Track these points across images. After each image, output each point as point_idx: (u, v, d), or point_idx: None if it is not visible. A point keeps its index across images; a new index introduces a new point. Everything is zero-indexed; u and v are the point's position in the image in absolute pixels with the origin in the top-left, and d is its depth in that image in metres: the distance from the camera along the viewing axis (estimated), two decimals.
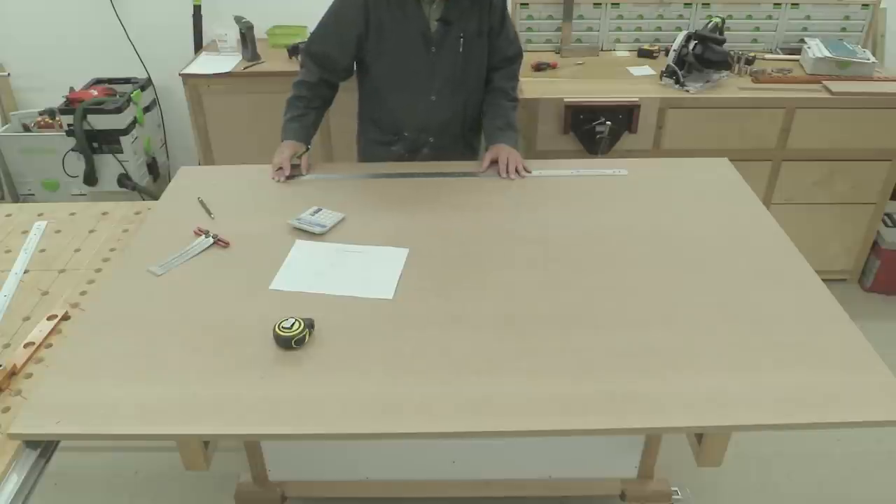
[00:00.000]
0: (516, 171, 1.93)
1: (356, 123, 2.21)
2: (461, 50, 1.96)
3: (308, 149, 1.99)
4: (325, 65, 2.00)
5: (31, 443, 1.17)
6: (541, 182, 1.90)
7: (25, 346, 1.35)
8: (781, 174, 2.67)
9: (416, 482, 1.92)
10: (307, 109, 2.01)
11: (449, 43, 1.95)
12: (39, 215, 1.85)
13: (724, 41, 2.59)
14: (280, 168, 1.91)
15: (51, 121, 3.05)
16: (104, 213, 1.86)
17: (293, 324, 1.30)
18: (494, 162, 1.96)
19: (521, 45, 2.09)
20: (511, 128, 2.04)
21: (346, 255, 1.59)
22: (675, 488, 1.99)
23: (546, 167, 1.97)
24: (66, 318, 1.45)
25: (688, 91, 2.55)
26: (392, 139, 2.11)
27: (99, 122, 2.88)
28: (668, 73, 2.61)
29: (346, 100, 2.16)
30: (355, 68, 2.07)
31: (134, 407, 1.18)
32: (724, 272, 1.51)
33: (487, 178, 1.93)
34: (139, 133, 3.06)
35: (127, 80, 3.14)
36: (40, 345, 1.36)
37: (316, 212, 1.73)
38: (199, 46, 3.07)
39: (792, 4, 2.89)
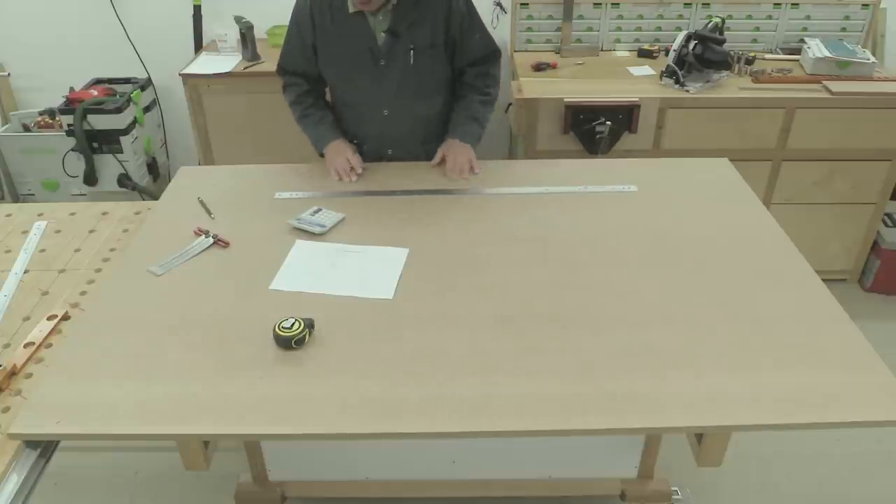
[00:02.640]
0: (462, 170, 1.88)
1: None
2: (412, 62, 1.86)
3: (355, 143, 2.01)
4: (303, 77, 1.99)
5: (31, 443, 1.17)
6: (542, 190, 1.90)
7: (25, 346, 1.35)
8: (781, 174, 2.67)
9: (416, 482, 1.92)
10: (322, 111, 2.01)
11: (398, 55, 1.86)
12: (39, 215, 1.85)
13: (724, 41, 2.58)
14: (352, 168, 1.90)
15: (51, 121, 3.05)
16: (104, 213, 1.86)
17: (293, 324, 1.30)
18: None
19: (495, 45, 1.98)
20: (474, 120, 1.97)
21: (346, 255, 1.59)
22: (675, 488, 1.99)
23: (552, 180, 1.91)
24: (66, 318, 1.45)
25: (688, 91, 2.55)
26: (356, 147, 2.06)
27: (99, 122, 2.89)
28: (668, 73, 2.61)
29: None
30: None
31: (134, 407, 1.18)
32: (725, 272, 1.51)
33: None
34: (139, 133, 3.06)
35: (127, 80, 3.14)
36: (40, 345, 1.36)
37: (316, 212, 1.73)
38: (199, 46, 3.07)
39: (792, 4, 2.89)
